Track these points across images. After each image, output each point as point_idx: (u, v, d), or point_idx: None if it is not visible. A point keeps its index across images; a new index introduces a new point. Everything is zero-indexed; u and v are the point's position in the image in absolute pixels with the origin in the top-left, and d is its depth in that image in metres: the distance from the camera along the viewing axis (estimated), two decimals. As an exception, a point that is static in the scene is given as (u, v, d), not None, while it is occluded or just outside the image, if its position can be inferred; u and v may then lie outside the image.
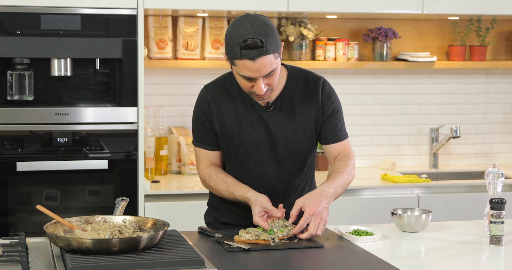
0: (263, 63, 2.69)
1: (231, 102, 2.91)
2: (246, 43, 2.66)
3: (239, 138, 2.89)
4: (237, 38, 2.68)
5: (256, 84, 2.74)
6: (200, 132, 2.96)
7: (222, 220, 3.03)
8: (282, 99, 2.90)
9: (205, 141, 2.96)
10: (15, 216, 3.96)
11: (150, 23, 4.54)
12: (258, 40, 2.66)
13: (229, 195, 2.89)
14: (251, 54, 2.67)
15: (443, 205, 4.37)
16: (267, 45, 2.68)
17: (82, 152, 3.99)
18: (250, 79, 2.74)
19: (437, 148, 4.95)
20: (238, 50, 2.67)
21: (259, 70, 2.70)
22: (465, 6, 4.59)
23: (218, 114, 2.91)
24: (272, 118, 2.89)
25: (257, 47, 2.66)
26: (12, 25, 3.88)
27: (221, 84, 2.95)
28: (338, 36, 4.87)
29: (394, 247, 2.79)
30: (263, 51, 2.67)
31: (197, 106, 2.97)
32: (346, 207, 4.27)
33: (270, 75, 2.74)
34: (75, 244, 2.38)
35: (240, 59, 2.69)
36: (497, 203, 2.77)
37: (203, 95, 2.96)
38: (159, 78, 4.68)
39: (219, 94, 2.92)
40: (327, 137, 2.95)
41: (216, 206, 3.05)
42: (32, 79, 3.93)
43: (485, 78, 5.14)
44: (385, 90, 5.00)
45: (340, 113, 2.97)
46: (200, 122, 2.95)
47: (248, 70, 2.70)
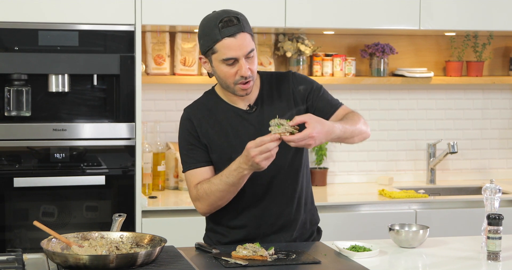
0: (243, 39, 2.77)
1: (212, 116, 2.93)
2: (223, 21, 2.77)
3: (228, 146, 2.90)
4: (213, 22, 2.78)
5: (240, 65, 2.78)
6: (189, 153, 2.94)
7: (224, 240, 3.00)
8: (262, 99, 2.95)
9: (197, 159, 2.93)
10: (12, 232, 3.95)
11: (148, 39, 4.55)
12: (233, 17, 2.77)
13: (225, 177, 2.81)
14: (231, 30, 2.76)
15: (440, 220, 4.37)
16: (243, 23, 2.78)
17: (80, 168, 3.99)
18: (233, 62, 2.78)
19: (435, 164, 4.95)
20: (218, 31, 2.77)
21: (241, 47, 2.76)
22: (462, 22, 4.61)
23: (202, 129, 2.92)
24: (257, 119, 2.91)
25: (234, 24, 2.76)
26: (10, 41, 3.89)
27: (199, 104, 2.99)
28: (336, 52, 4.89)
29: (392, 263, 2.78)
30: (241, 27, 2.76)
31: (180, 128, 2.98)
32: (344, 223, 4.27)
33: (250, 57, 2.80)
34: (72, 260, 2.37)
35: (221, 39, 2.76)
36: (494, 219, 2.76)
37: (184, 116, 2.98)
38: (157, 93, 4.68)
39: (199, 112, 2.95)
40: (324, 111, 2.96)
41: (216, 230, 3.02)
42: (29, 95, 3.93)
43: (482, 94, 5.15)
44: (382, 106, 5.01)
45: (324, 89, 3.00)
46: (187, 142, 2.94)
47: (231, 49, 2.76)
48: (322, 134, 2.72)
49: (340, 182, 4.97)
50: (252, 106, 2.94)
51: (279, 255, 2.71)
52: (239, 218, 2.96)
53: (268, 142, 2.69)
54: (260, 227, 2.95)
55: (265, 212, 2.94)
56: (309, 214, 3.06)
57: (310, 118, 2.73)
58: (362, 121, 2.94)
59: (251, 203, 2.93)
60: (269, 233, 2.96)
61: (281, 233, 2.97)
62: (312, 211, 3.08)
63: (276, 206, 2.94)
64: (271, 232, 2.96)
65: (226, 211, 2.96)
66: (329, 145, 4.92)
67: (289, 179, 2.96)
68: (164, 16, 4.16)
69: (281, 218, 2.96)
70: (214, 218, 3.02)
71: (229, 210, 2.95)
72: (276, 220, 2.96)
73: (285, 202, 2.96)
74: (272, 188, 2.94)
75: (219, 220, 3.00)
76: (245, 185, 2.88)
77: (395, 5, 4.48)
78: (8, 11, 3.89)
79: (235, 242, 2.94)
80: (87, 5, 3.97)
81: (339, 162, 4.98)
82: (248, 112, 2.93)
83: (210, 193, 2.86)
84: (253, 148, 2.70)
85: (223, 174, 2.83)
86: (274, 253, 2.72)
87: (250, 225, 2.95)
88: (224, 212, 2.96)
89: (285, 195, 2.96)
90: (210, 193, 2.87)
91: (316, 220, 3.11)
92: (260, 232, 2.96)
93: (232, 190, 2.85)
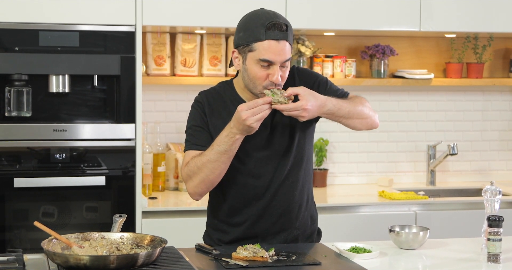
0: (285, 47, 2.77)
1: (225, 108, 2.92)
2: (272, 24, 2.76)
3: None
4: (261, 20, 2.77)
5: (274, 70, 2.78)
6: (195, 134, 2.92)
7: (226, 239, 2.99)
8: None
9: (201, 141, 2.90)
10: (12, 232, 3.95)
11: (148, 39, 4.55)
12: (283, 24, 2.77)
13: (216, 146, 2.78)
14: (277, 35, 2.76)
15: (440, 222, 4.37)
16: (290, 33, 2.79)
17: (80, 168, 3.99)
18: (268, 64, 2.77)
19: (435, 165, 4.95)
20: (263, 31, 2.75)
21: (281, 53, 2.76)
22: (462, 24, 4.61)
23: (212, 117, 2.92)
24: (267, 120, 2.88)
25: (282, 30, 2.76)
26: (11, 42, 3.89)
27: (215, 91, 2.98)
28: (336, 53, 4.89)
29: (392, 264, 2.79)
30: (286, 35, 2.77)
31: (193, 108, 2.96)
32: (344, 224, 4.27)
33: (285, 67, 2.81)
34: (73, 261, 2.37)
35: (264, 40, 2.75)
36: (494, 221, 2.76)
37: (198, 99, 2.98)
38: (157, 94, 4.69)
39: (213, 101, 2.94)
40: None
41: (217, 226, 3.02)
42: (30, 96, 3.93)
43: (482, 95, 5.15)
44: (382, 107, 5.01)
45: (329, 82, 3.01)
46: (196, 124, 2.93)
47: (271, 52, 2.76)
48: (315, 107, 2.75)
49: (340, 183, 4.97)
50: None
51: (279, 256, 2.71)
52: (240, 215, 2.95)
53: (261, 104, 2.71)
54: (261, 225, 2.95)
55: (267, 211, 2.94)
56: (309, 211, 3.06)
57: (304, 91, 2.76)
58: (365, 105, 2.95)
59: (252, 201, 2.93)
60: (270, 231, 2.96)
61: (283, 232, 2.97)
62: (312, 208, 3.09)
63: (278, 205, 2.94)
64: (272, 230, 2.96)
65: (227, 207, 2.96)
66: (329, 146, 4.92)
67: (292, 178, 2.95)
68: (164, 17, 4.17)
69: (283, 217, 2.96)
70: (215, 213, 3.02)
71: (230, 206, 2.95)
72: (278, 219, 2.96)
73: (287, 200, 2.95)
74: (274, 186, 2.93)
75: (219, 216, 3.00)
76: (247, 183, 2.88)
77: (395, 6, 4.49)
78: (9, 11, 3.89)
79: (235, 241, 2.94)
80: (87, 5, 3.97)
81: (339, 163, 4.98)
82: None
83: (202, 165, 2.81)
84: (245, 110, 2.70)
85: (214, 144, 2.80)
86: (275, 254, 2.72)
87: (250, 222, 2.95)
88: (225, 207, 2.96)
89: (287, 194, 2.95)
90: (201, 166, 2.81)
91: (315, 216, 3.11)
92: (261, 230, 2.96)
93: (224, 159, 2.79)
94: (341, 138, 4.96)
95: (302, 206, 3.00)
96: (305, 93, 2.74)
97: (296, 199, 2.98)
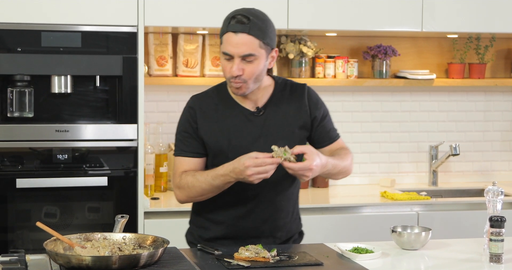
0: (243, 40, 2.77)
1: (217, 110, 2.94)
2: (235, 17, 2.79)
3: (228, 145, 2.90)
4: (230, 14, 2.83)
5: (232, 63, 2.80)
6: (184, 140, 2.96)
7: (206, 236, 3.01)
8: (271, 105, 2.96)
9: (189, 148, 2.95)
10: (14, 233, 3.96)
11: (150, 40, 4.55)
12: (244, 17, 2.78)
13: (211, 178, 2.82)
14: (235, 27, 2.78)
15: (442, 222, 4.37)
16: (252, 25, 2.78)
17: (82, 169, 3.99)
18: (230, 58, 2.80)
19: (437, 166, 4.95)
20: (227, 24, 2.81)
21: (238, 46, 2.77)
22: (464, 24, 4.61)
23: (203, 122, 2.93)
24: (261, 124, 2.92)
25: (242, 23, 2.77)
26: (13, 42, 3.89)
27: (208, 95, 3.00)
28: (338, 54, 4.89)
29: (394, 264, 2.79)
30: (246, 28, 2.77)
31: (183, 114, 3.01)
32: (346, 225, 4.26)
33: (249, 61, 2.80)
34: (75, 261, 2.38)
35: (226, 32, 2.80)
36: (497, 221, 2.76)
37: (189, 103, 3.01)
38: (159, 95, 4.69)
39: (205, 104, 2.97)
40: (320, 140, 3.03)
41: (199, 223, 3.04)
42: (32, 96, 3.94)
43: (484, 96, 5.15)
44: (384, 108, 5.01)
45: (329, 116, 3.06)
46: (184, 130, 2.97)
47: (229, 44, 2.79)
48: (319, 166, 2.78)
49: (342, 184, 4.96)
50: (260, 109, 2.94)
51: (281, 257, 2.71)
52: (221, 213, 2.96)
53: (269, 164, 2.72)
54: (242, 228, 2.96)
55: (249, 215, 2.95)
56: (295, 223, 3.08)
57: (311, 150, 2.77)
58: (350, 160, 3.01)
59: (236, 203, 2.93)
60: (251, 235, 2.96)
61: (264, 238, 2.97)
62: (297, 220, 3.11)
63: (261, 212, 2.94)
64: (253, 234, 2.96)
65: (209, 202, 2.96)
66: (331, 147, 4.92)
67: (280, 186, 2.96)
68: (166, 18, 4.17)
69: (266, 224, 2.97)
70: (199, 210, 3.03)
71: (212, 202, 2.95)
72: (260, 225, 2.96)
73: (272, 209, 2.95)
74: (261, 194, 2.93)
75: (203, 213, 3.01)
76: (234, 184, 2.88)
77: (397, 7, 4.49)
78: (11, 12, 3.89)
79: (215, 239, 2.95)
80: (89, 6, 3.98)
81: (341, 164, 4.97)
82: (255, 115, 2.94)
83: (192, 187, 2.88)
84: (252, 168, 2.71)
85: (209, 175, 2.84)
86: (276, 255, 2.72)
87: (231, 223, 2.96)
88: (207, 203, 2.96)
89: (273, 203, 2.95)
90: (192, 187, 2.88)
91: (299, 226, 3.13)
92: (241, 233, 2.96)
93: (214, 191, 2.87)
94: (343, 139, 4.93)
95: (287, 216, 3.01)
96: (311, 153, 2.76)
97: (282, 208, 2.98)
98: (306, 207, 4.23)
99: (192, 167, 2.94)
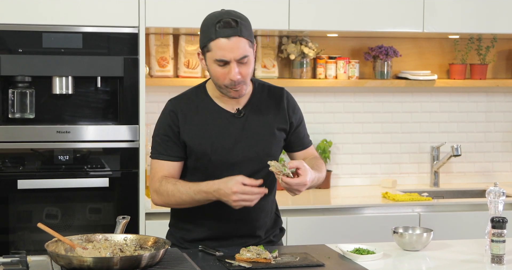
0: (238, 43, 2.74)
1: (197, 113, 2.92)
2: (221, 22, 2.75)
3: (210, 147, 2.89)
4: (212, 20, 2.77)
5: (230, 68, 2.76)
6: (163, 143, 2.93)
7: (188, 237, 2.99)
8: (251, 106, 2.95)
9: (168, 152, 2.92)
10: (15, 234, 3.96)
11: (152, 41, 4.55)
12: (232, 21, 2.75)
13: (193, 193, 2.81)
14: (226, 33, 2.74)
15: (444, 223, 4.36)
16: (241, 27, 2.75)
17: (83, 170, 3.99)
18: (224, 64, 2.76)
19: (438, 167, 4.95)
20: (214, 31, 2.75)
21: (234, 50, 2.74)
22: (466, 25, 4.61)
23: (185, 125, 2.91)
24: (242, 124, 2.91)
25: (231, 26, 2.74)
26: (14, 43, 3.89)
27: (187, 97, 2.97)
28: (339, 55, 4.89)
29: (396, 265, 2.78)
30: (237, 31, 2.74)
31: (162, 117, 2.97)
32: (347, 226, 4.26)
33: (243, 63, 2.78)
34: (76, 262, 2.37)
35: (215, 39, 2.75)
36: (498, 222, 2.76)
37: (169, 107, 2.97)
38: (160, 96, 4.68)
39: (186, 107, 2.94)
40: (293, 146, 3.05)
41: (180, 225, 3.02)
42: (33, 97, 3.94)
43: (486, 97, 5.15)
44: (385, 108, 5.01)
45: (304, 122, 3.07)
46: (164, 133, 2.93)
47: (223, 50, 2.74)
48: (310, 182, 2.79)
49: (343, 184, 4.96)
50: (241, 111, 2.93)
51: (282, 258, 2.71)
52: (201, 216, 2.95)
53: (255, 194, 2.73)
54: (224, 229, 2.95)
55: (230, 217, 2.93)
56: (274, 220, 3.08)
57: (304, 166, 2.77)
58: (325, 170, 3.02)
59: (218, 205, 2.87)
60: (233, 235, 2.96)
61: (246, 238, 2.97)
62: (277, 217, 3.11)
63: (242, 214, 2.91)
64: (235, 234, 2.96)
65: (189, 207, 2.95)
66: (333, 148, 4.92)
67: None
68: (167, 19, 4.17)
69: (247, 225, 2.96)
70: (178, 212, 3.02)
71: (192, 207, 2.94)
72: (242, 226, 2.96)
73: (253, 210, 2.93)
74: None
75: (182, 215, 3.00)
76: None
77: (398, 7, 4.48)
78: (12, 13, 3.89)
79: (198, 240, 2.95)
80: (90, 7, 3.98)
81: (342, 165, 4.98)
82: (236, 116, 2.93)
83: (172, 196, 2.86)
84: (238, 194, 2.71)
85: (191, 188, 2.83)
86: (278, 256, 2.72)
87: (212, 225, 2.95)
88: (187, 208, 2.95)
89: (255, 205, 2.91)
90: (171, 196, 2.86)
91: (279, 223, 3.13)
92: (223, 234, 2.95)
93: (193, 203, 2.86)
94: (345, 140, 4.96)
95: (267, 215, 3.00)
96: (305, 169, 2.76)
97: (262, 208, 2.96)
98: (308, 208, 4.23)
99: (171, 171, 2.92)
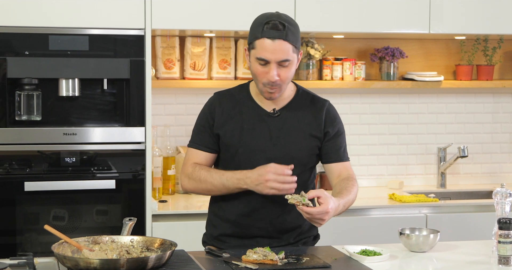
0: (281, 46, 2.79)
1: (235, 108, 2.98)
2: (269, 23, 2.80)
3: (238, 140, 2.94)
4: (262, 19, 2.83)
5: (270, 68, 2.81)
6: (199, 133, 3.02)
7: (215, 233, 3.04)
8: (288, 109, 2.98)
9: (202, 142, 3.00)
10: (22, 236, 3.96)
11: (158, 43, 4.55)
12: (280, 24, 2.80)
13: (225, 179, 2.89)
14: (272, 34, 2.79)
15: (451, 224, 4.36)
16: (288, 32, 2.80)
17: (90, 172, 4.00)
18: (265, 63, 2.81)
19: (445, 168, 4.94)
20: (261, 30, 2.81)
21: (275, 52, 2.79)
22: (472, 26, 4.60)
23: (221, 118, 2.98)
24: (275, 125, 2.95)
25: (278, 29, 2.79)
26: (21, 46, 3.90)
27: (230, 93, 3.05)
28: (345, 56, 4.88)
29: (402, 267, 2.78)
30: (283, 34, 2.79)
31: (204, 107, 3.06)
32: (354, 227, 4.26)
33: (284, 66, 2.82)
34: (83, 264, 2.38)
35: (260, 38, 2.80)
36: (505, 223, 2.76)
37: (210, 99, 3.06)
38: (167, 98, 4.69)
39: (225, 101, 3.01)
40: (329, 156, 3.01)
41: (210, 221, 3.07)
42: (40, 99, 3.94)
43: (493, 98, 5.14)
44: (392, 110, 5.00)
45: (344, 136, 3.05)
46: (201, 123, 3.02)
47: (266, 50, 2.80)
48: (333, 209, 2.76)
49: (350, 186, 4.95)
50: (277, 111, 2.97)
51: (289, 259, 2.71)
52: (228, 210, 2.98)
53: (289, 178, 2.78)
54: (248, 227, 2.96)
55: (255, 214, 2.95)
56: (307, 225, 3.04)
57: (324, 194, 2.75)
58: (356, 191, 2.97)
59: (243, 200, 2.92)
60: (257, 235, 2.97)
61: (271, 239, 2.97)
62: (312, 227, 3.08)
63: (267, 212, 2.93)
64: (260, 234, 2.97)
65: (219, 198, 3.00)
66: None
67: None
68: (173, 21, 4.17)
69: (272, 225, 2.96)
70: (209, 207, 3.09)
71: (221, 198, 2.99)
72: (267, 226, 2.96)
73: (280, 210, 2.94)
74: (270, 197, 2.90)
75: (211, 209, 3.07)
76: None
77: (405, 9, 4.48)
78: (19, 16, 3.90)
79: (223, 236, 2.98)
80: (97, 9, 3.98)
81: (349, 166, 4.97)
82: (270, 115, 2.96)
83: (204, 181, 2.93)
84: (271, 174, 2.77)
85: (225, 174, 2.90)
86: (284, 257, 2.72)
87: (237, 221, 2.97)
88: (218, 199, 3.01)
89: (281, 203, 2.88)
90: (203, 181, 2.93)
91: (314, 229, 3.10)
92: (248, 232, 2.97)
93: (224, 191, 2.93)
94: (351, 141, 4.95)
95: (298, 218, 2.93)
96: (326, 196, 2.74)
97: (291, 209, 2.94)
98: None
99: (202, 161, 3.00)
